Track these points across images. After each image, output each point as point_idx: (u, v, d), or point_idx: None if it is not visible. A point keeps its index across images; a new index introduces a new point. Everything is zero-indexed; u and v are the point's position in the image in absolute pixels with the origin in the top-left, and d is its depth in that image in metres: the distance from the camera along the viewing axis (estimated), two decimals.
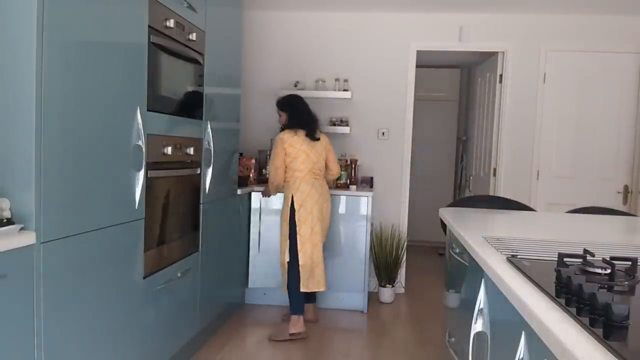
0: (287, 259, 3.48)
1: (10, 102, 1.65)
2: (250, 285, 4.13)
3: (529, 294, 1.06)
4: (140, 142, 2.23)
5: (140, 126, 2.23)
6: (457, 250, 2.10)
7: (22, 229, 1.63)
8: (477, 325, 1.51)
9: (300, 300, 3.47)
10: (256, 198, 4.10)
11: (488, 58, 4.94)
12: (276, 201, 4.00)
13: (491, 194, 4.62)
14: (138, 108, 2.22)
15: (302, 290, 3.43)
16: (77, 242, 1.86)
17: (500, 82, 4.61)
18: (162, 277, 2.54)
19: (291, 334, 3.42)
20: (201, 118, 3.01)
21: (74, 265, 1.86)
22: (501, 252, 1.49)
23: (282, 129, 3.59)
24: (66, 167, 1.80)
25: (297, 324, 3.43)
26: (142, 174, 2.26)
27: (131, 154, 2.20)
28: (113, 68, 2.06)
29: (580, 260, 1.24)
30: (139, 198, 2.26)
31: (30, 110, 1.63)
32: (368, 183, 4.51)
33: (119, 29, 2.11)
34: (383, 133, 4.65)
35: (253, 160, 4.30)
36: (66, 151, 1.80)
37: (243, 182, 3.94)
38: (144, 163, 2.26)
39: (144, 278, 2.35)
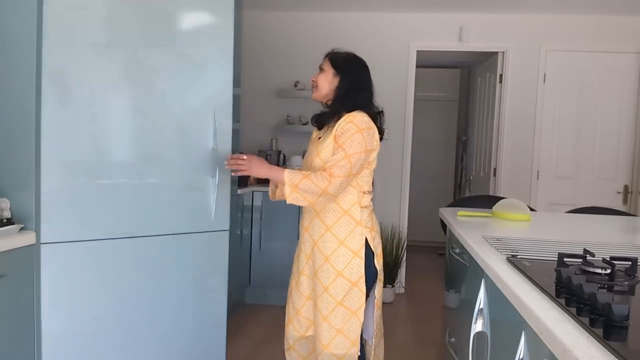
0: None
1: (10, 102, 1.65)
2: (251, 284, 4.13)
3: (529, 294, 1.06)
4: None
5: None
6: (457, 250, 2.10)
7: (22, 229, 1.63)
8: (477, 325, 1.51)
9: None
10: (258, 196, 4.10)
11: (488, 58, 4.94)
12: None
13: (491, 194, 4.62)
14: None
15: None
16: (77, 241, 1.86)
17: (500, 82, 4.61)
18: None
19: None
20: None
21: (74, 265, 1.85)
22: (501, 252, 1.49)
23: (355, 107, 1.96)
24: (67, 169, 1.80)
25: None
26: None
27: None
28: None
29: (580, 260, 1.24)
30: None
31: (31, 110, 1.63)
32: None
33: None
34: None
35: None
36: (66, 151, 1.79)
37: (243, 182, 3.94)
38: None
39: None
